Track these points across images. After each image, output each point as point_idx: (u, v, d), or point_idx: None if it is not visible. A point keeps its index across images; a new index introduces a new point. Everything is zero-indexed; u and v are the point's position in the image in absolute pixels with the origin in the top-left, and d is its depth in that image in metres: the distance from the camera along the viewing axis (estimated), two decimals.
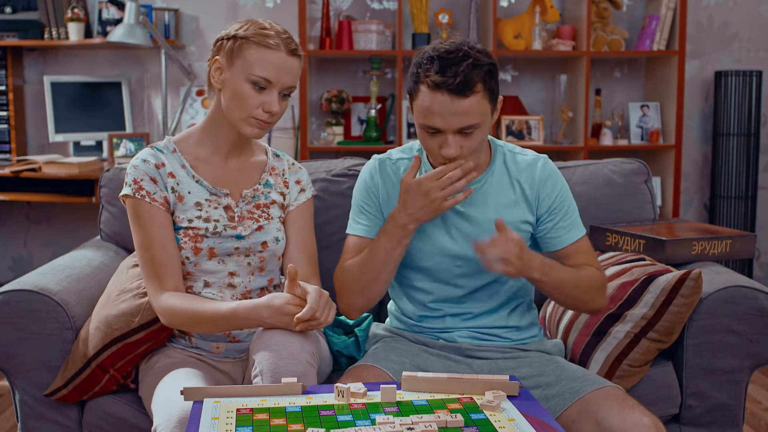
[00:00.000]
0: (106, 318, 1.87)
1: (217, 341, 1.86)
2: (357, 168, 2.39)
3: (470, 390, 1.52)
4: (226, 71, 1.77)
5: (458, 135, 1.68)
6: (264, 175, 1.91)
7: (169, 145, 1.85)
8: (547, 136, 4.08)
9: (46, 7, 3.86)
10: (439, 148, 1.70)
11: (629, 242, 2.25)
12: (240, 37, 1.75)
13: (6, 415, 2.91)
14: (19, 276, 2.27)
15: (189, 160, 1.84)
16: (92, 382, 1.87)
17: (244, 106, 1.75)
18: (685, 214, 4.23)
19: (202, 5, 4.03)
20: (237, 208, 1.84)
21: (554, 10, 3.79)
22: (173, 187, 1.81)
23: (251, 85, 1.74)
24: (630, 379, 1.92)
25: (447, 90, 1.63)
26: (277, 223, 1.89)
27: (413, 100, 1.72)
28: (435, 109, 1.65)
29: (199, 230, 1.80)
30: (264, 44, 1.74)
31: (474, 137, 1.70)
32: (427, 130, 1.70)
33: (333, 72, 4.10)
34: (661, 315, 1.91)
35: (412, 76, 1.71)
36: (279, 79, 1.74)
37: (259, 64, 1.73)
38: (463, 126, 1.66)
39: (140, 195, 1.77)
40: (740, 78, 3.94)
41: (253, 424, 1.37)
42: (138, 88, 4.06)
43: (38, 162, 3.60)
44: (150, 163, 1.80)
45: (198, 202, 1.82)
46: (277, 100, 1.76)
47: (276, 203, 1.90)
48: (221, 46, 1.79)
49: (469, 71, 1.63)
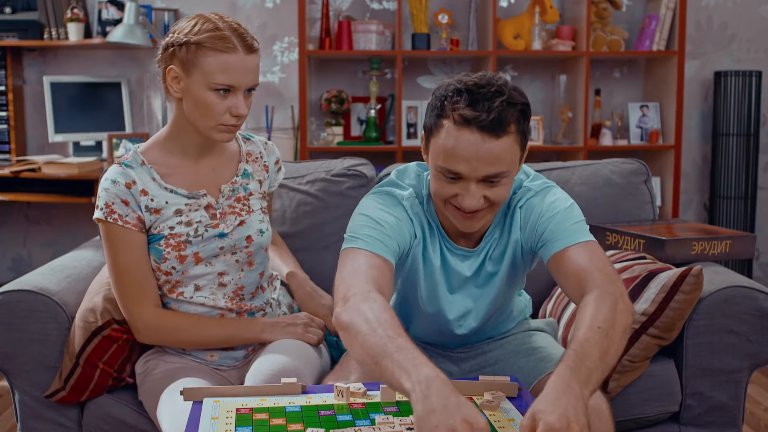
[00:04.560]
0: (83, 313, 1.87)
1: (210, 350, 1.85)
2: (357, 168, 2.39)
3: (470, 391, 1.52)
4: (183, 80, 1.68)
5: (482, 183, 1.48)
6: (240, 165, 1.86)
7: (136, 158, 1.77)
8: (547, 136, 4.08)
9: (45, 8, 3.86)
10: (456, 197, 1.50)
11: (629, 242, 2.25)
12: (193, 43, 1.65)
13: (6, 416, 2.91)
14: (19, 276, 2.27)
15: (159, 170, 1.77)
16: (85, 380, 1.86)
17: (210, 115, 1.68)
18: (685, 214, 4.23)
19: (201, 5, 4.03)
20: (218, 205, 1.80)
21: (554, 11, 3.79)
22: (147, 205, 1.75)
23: (213, 92, 1.66)
24: (630, 374, 1.92)
25: (477, 127, 1.43)
26: (259, 215, 1.85)
27: (432, 137, 1.51)
28: (461, 149, 1.44)
29: (180, 236, 1.76)
30: (220, 48, 1.64)
31: (499, 188, 1.50)
32: (447, 174, 1.48)
33: (332, 72, 4.10)
34: (662, 311, 1.91)
35: (435, 110, 1.50)
36: (242, 81, 1.67)
37: (219, 71, 1.64)
38: (490, 174, 1.46)
39: (112, 219, 1.72)
40: (740, 78, 3.94)
41: (253, 424, 1.37)
42: (137, 88, 4.06)
43: (38, 162, 3.60)
44: (120, 184, 1.72)
45: (178, 210, 1.77)
46: (243, 101, 1.69)
47: (254, 195, 1.86)
48: (174, 54, 1.68)
49: (503, 108, 1.43)
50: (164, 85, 1.74)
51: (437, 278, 1.69)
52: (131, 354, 1.90)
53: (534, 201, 1.63)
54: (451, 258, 1.68)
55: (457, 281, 1.71)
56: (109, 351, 1.85)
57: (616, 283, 1.47)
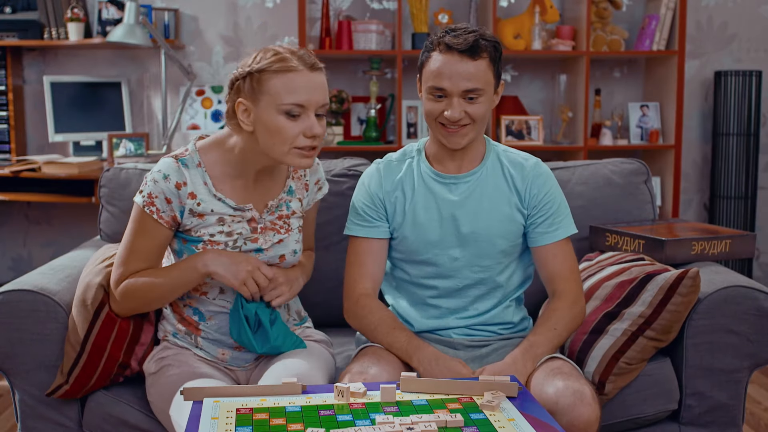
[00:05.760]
0: (80, 298, 1.88)
1: (222, 347, 1.86)
2: (357, 168, 2.39)
3: (469, 391, 1.52)
4: (253, 111, 1.69)
5: (463, 100, 1.79)
6: (288, 181, 1.88)
7: (194, 156, 1.78)
8: (547, 136, 4.08)
9: (45, 7, 3.86)
10: (443, 114, 1.80)
11: (629, 242, 2.25)
12: (256, 71, 1.67)
13: (6, 415, 2.91)
14: (19, 276, 2.27)
15: (212, 174, 1.78)
16: (91, 368, 1.85)
17: (284, 139, 1.68)
18: (685, 214, 4.23)
19: (201, 5, 4.03)
20: (261, 219, 1.83)
21: (554, 10, 3.79)
22: (192, 209, 1.76)
23: (284, 115, 1.67)
24: (627, 376, 1.92)
25: (457, 51, 1.76)
26: (296, 234, 1.88)
27: (423, 68, 1.83)
28: (444, 69, 1.77)
29: (219, 244, 1.78)
30: (284, 69, 1.66)
31: (477, 105, 1.80)
32: (435, 93, 1.80)
33: (333, 72, 4.06)
34: (659, 313, 1.91)
35: (425, 48, 1.84)
36: (310, 99, 1.68)
37: (286, 92, 1.66)
38: (468, 88, 1.77)
39: (149, 210, 1.75)
40: (740, 78, 3.94)
41: (253, 424, 1.37)
42: (138, 88, 4.06)
43: (38, 162, 3.60)
44: (170, 182, 1.74)
45: (221, 218, 1.79)
46: (316, 121, 1.69)
47: (296, 214, 1.89)
48: (240, 87, 1.70)
49: (477, 39, 1.78)
50: (232, 123, 1.74)
51: (428, 202, 1.91)
52: (138, 335, 1.90)
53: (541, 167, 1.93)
54: (436, 185, 1.91)
55: (444, 204, 1.90)
56: (114, 330, 1.85)
57: (580, 286, 1.92)
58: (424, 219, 1.90)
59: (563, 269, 1.89)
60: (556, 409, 1.62)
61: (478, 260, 1.89)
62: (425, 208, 1.90)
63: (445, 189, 1.90)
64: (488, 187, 1.90)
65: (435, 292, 1.93)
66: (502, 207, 1.89)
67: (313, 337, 1.96)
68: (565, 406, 1.62)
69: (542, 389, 1.68)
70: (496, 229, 1.88)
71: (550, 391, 1.66)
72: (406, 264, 1.95)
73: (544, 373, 1.72)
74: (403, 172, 1.93)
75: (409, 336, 1.81)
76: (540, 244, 1.90)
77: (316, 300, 2.21)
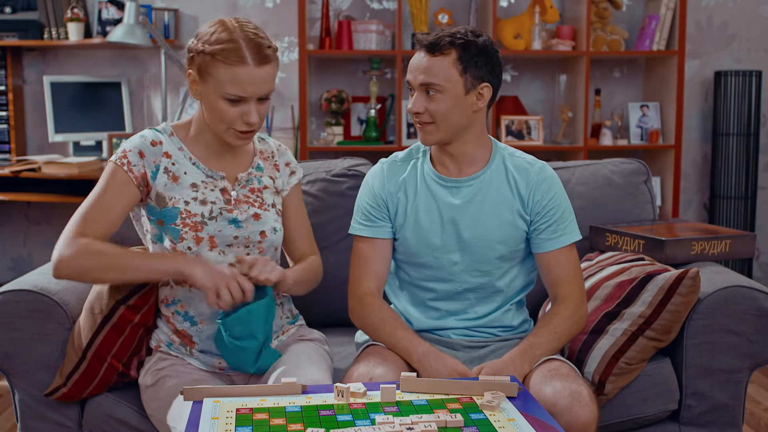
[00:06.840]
0: (89, 304, 1.88)
1: (219, 357, 1.84)
2: (357, 168, 2.39)
3: (469, 391, 1.52)
4: (200, 85, 1.76)
5: (424, 94, 1.80)
6: (255, 159, 1.92)
7: (166, 128, 1.86)
8: (547, 136, 4.08)
9: (45, 7, 3.86)
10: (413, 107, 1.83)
11: (629, 242, 2.25)
12: (207, 54, 1.71)
13: (6, 415, 2.91)
14: (19, 276, 2.27)
15: (185, 142, 1.86)
16: (90, 375, 1.85)
17: (222, 120, 1.74)
18: (685, 214, 4.23)
19: (201, 5, 4.03)
20: (233, 191, 1.85)
21: (554, 10, 3.79)
22: (167, 167, 1.81)
23: (225, 101, 1.72)
24: (627, 376, 1.92)
25: (421, 46, 1.81)
26: (274, 214, 1.90)
27: None
28: (412, 63, 1.83)
29: (195, 215, 1.80)
30: (231, 62, 1.69)
31: (436, 102, 1.79)
32: (408, 86, 1.85)
33: (333, 72, 4.10)
34: (659, 313, 1.91)
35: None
36: (252, 92, 1.72)
37: (230, 83, 1.70)
38: (424, 82, 1.79)
39: (121, 162, 1.77)
40: (740, 78, 3.94)
41: (253, 424, 1.37)
42: (138, 88, 4.07)
43: (38, 162, 3.60)
44: (147, 139, 1.81)
45: (194, 183, 1.82)
46: (255, 109, 1.74)
47: (268, 188, 1.91)
48: (193, 59, 1.75)
49: (442, 38, 1.79)
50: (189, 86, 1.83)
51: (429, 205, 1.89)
52: (140, 346, 1.90)
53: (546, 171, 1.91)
54: (438, 188, 1.90)
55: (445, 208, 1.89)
56: (117, 343, 1.85)
57: (583, 292, 1.89)
58: (425, 222, 1.89)
59: (567, 275, 1.87)
60: (554, 411, 1.62)
61: (477, 265, 1.89)
62: (426, 210, 1.89)
63: (446, 192, 1.89)
64: (491, 191, 1.88)
65: (434, 294, 1.92)
66: (504, 212, 1.87)
67: (308, 336, 1.96)
68: (563, 407, 1.62)
69: (540, 390, 1.68)
70: (497, 235, 1.87)
71: (548, 393, 1.66)
72: (407, 265, 1.95)
73: (541, 374, 1.72)
74: (407, 173, 1.93)
75: (411, 335, 1.81)
76: (544, 250, 1.88)
77: (316, 300, 2.21)
